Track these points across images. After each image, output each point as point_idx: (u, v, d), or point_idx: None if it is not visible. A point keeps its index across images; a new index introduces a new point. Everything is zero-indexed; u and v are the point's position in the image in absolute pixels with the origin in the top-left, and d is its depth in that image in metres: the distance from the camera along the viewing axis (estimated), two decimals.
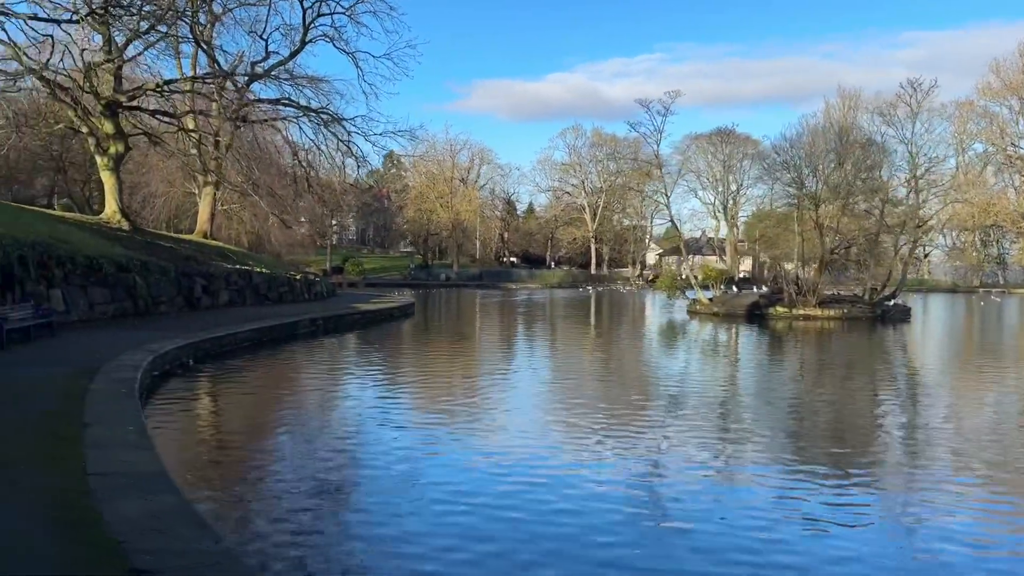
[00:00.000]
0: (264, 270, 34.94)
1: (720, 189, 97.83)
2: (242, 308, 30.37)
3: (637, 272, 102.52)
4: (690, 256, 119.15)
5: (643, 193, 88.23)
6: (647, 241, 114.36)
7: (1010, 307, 54.31)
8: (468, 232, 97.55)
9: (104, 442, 7.79)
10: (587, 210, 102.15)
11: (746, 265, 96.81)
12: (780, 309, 35.41)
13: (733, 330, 31.17)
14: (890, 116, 38.95)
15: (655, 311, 43.63)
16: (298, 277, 38.18)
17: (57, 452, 7.41)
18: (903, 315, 36.52)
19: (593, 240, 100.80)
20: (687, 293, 41.50)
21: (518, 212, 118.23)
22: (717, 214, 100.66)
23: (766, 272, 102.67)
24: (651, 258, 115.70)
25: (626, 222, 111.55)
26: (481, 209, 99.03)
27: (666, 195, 45.81)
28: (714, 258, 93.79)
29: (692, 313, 38.78)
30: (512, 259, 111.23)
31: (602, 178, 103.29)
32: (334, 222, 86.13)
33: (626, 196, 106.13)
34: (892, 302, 37.09)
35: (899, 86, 38.40)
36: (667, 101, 39.07)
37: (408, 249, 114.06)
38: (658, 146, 41.20)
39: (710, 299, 39.51)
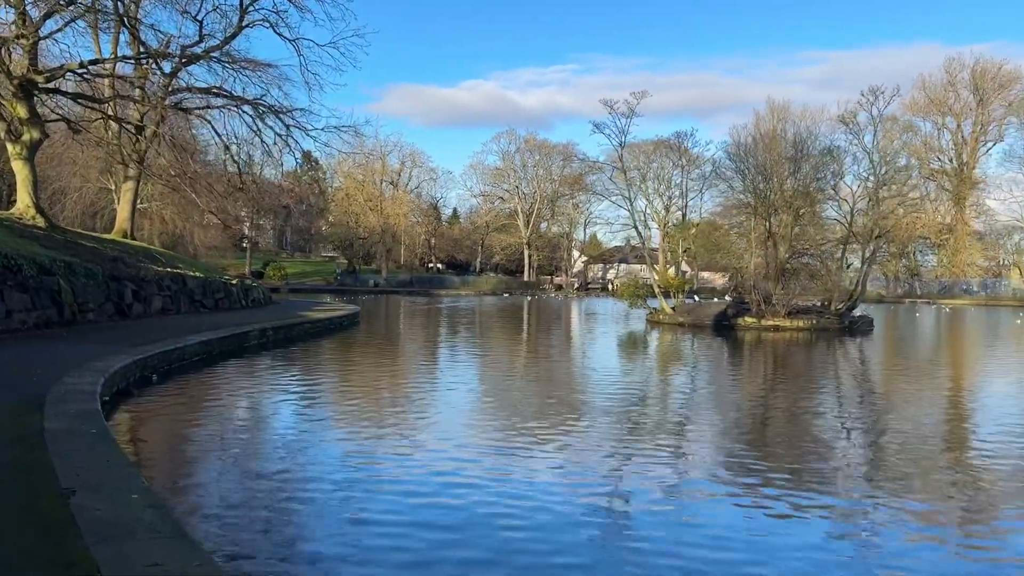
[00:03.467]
0: (198, 274, 31.62)
1: (653, 198, 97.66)
2: (177, 316, 27.17)
3: (567, 279, 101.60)
4: (617, 264, 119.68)
5: (587, 193, 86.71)
6: (574, 249, 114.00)
7: (962, 316, 55.49)
8: (397, 237, 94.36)
9: (109, 526, 5.23)
10: (520, 216, 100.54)
11: (671, 274, 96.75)
12: (749, 319, 34.28)
13: (707, 342, 29.70)
14: (850, 124, 38.54)
15: (612, 320, 42.03)
16: (234, 282, 34.88)
17: (47, 549, 4.84)
18: (868, 326, 36.01)
19: (526, 247, 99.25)
20: (648, 301, 40.06)
21: (443, 217, 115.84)
22: (649, 223, 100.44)
23: (696, 282, 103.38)
24: (577, 265, 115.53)
25: (555, 229, 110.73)
26: (409, 213, 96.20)
27: (630, 200, 44.43)
28: (641, 267, 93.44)
29: (654, 323, 37.27)
30: (439, 265, 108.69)
31: (534, 184, 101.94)
32: (248, 223, 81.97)
33: (556, 203, 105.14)
34: (856, 312, 36.57)
35: (860, 94, 38.19)
36: (633, 102, 37.71)
37: (331, 254, 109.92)
38: (622, 148, 39.64)
39: (672, 308, 38.17)
